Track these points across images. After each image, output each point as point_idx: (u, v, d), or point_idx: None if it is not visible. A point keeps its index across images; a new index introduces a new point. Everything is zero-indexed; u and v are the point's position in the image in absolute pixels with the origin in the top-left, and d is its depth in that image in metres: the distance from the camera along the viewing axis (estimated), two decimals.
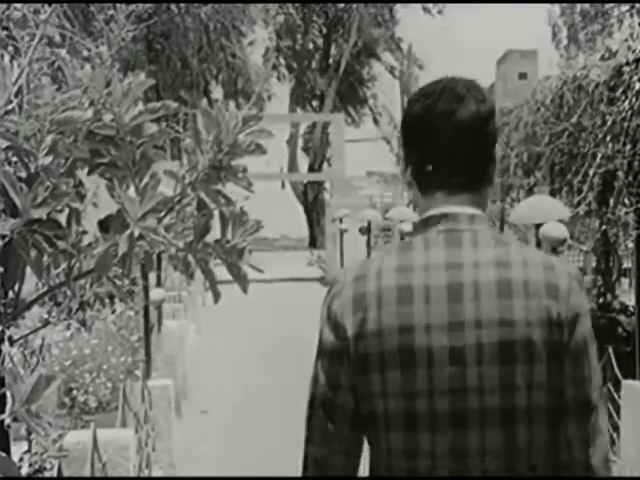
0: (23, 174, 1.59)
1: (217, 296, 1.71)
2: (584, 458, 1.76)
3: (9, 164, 1.57)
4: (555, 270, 1.77)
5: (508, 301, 1.72)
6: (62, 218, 1.66)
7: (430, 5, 40.12)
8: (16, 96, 1.59)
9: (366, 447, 1.85)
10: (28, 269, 1.69)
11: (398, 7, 40.61)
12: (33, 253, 1.61)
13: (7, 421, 1.54)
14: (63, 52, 1.69)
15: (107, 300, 2.02)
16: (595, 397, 1.76)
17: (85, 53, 1.83)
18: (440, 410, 1.72)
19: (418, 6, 40.20)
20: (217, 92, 36.23)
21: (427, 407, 1.72)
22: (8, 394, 1.68)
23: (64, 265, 1.72)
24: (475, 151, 1.81)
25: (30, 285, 1.82)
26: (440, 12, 40.23)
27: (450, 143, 1.78)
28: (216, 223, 1.74)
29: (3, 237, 1.54)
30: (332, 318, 1.79)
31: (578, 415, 1.75)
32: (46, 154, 1.54)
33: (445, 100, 1.78)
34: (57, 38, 1.88)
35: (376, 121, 45.06)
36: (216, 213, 1.72)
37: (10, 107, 1.55)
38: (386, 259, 1.80)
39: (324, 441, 1.91)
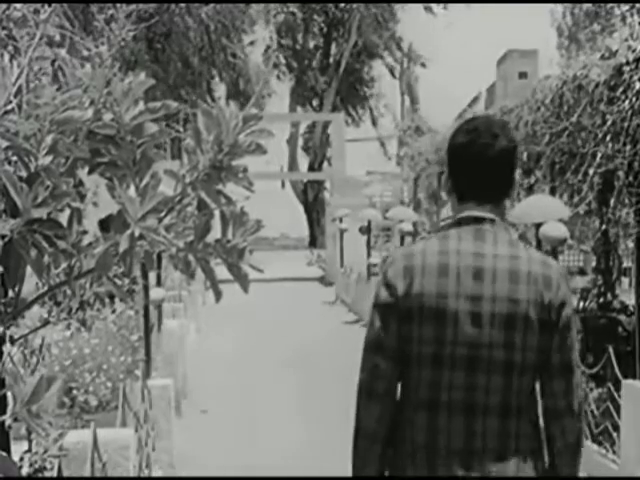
0: (23, 173, 1.59)
1: (219, 295, 1.71)
2: (566, 404, 2.47)
3: (9, 163, 1.57)
4: (550, 267, 2.48)
5: (515, 285, 2.42)
6: (62, 218, 1.66)
7: (432, 4, 40.11)
8: (16, 96, 1.58)
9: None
10: (28, 268, 1.69)
11: (398, 7, 40.59)
12: (33, 253, 1.60)
13: (8, 422, 1.54)
14: (63, 52, 1.69)
15: (107, 300, 2.02)
16: (574, 361, 2.46)
17: (85, 53, 1.83)
18: (459, 356, 2.42)
19: (418, 6, 40.18)
20: (218, 92, 36.23)
21: (450, 352, 2.42)
22: (9, 394, 1.68)
23: (64, 265, 1.71)
24: (501, 175, 2.54)
25: (30, 285, 1.82)
26: (445, 7, 40.19)
27: (484, 169, 2.51)
28: (216, 223, 1.74)
29: (3, 237, 1.54)
30: (387, 281, 2.50)
31: (561, 374, 2.46)
32: (46, 154, 1.54)
33: (484, 137, 2.50)
34: (57, 38, 1.88)
35: (374, 122, 45.06)
36: (216, 213, 1.72)
37: (10, 107, 1.55)
38: (429, 243, 2.52)
39: (372, 371, 2.51)
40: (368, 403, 2.53)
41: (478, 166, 2.52)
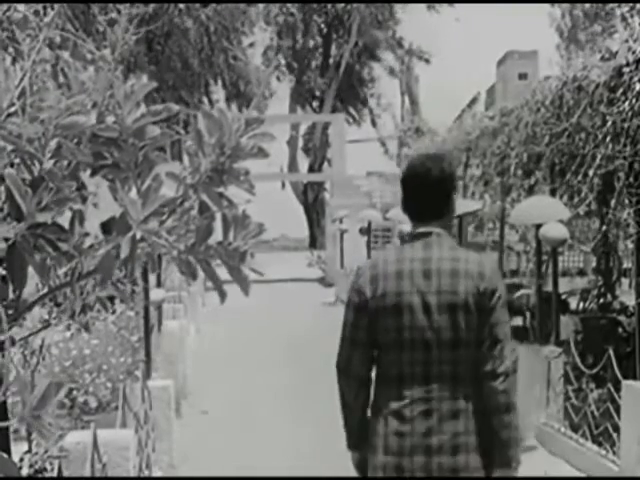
0: (25, 175, 1.60)
1: (223, 296, 1.71)
2: (499, 365, 3.17)
3: (12, 166, 1.57)
4: (484, 265, 3.26)
5: (456, 280, 3.21)
6: (64, 219, 1.67)
7: (426, 7, 40.09)
8: (19, 98, 1.59)
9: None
10: (29, 270, 1.69)
11: (398, 8, 40.56)
12: (37, 256, 1.61)
13: (15, 426, 1.54)
14: (66, 54, 1.69)
15: (108, 302, 2.02)
16: (501, 335, 3.20)
17: (87, 55, 1.84)
18: (416, 338, 3.22)
19: (417, 7, 40.14)
20: (218, 93, 36.19)
21: (409, 337, 3.22)
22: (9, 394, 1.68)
23: (66, 267, 1.72)
24: (440, 199, 3.32)
25: (30, 286, 1.82)
26: (452, 3, 40.15)
27: (424, 196, 3.31)
28: (218, 225, 1.74)
29: (7, 240, 1.54)
30: (358, 288, 3.30)
31: (493, 344, 3.18)
32: (50, 157, 1.54)
33: (420, 172, 3.31)
34: (58, 40, 1.88)
35: (374, 123, 45.03)
36: (218, 215, 1.72)
37: (13, 109, 1.56)
38: (388, 254, 3.40)
39: (348, 358, 3.35)
40: (345, 383, 3.44)
41: (419, 195, 3.33)
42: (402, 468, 3.29)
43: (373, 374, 3.39)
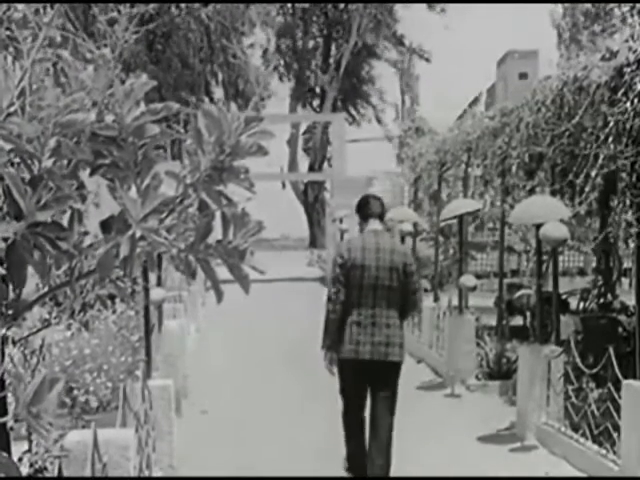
0: (25, 174, 1.59)
1: (220, 296, 1.71)
2: (415, 298, 6.57)
3: (12, 165, 1.57)
4: (405, 249, 7.32)
5: (392, 254, 6.49)
6: (63, 218, 1.66)
7: (425, 7, 40.05)
8: (18, 98, 1.59)
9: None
10: (29, 269, 1.69)
11: (398, 7, 40.53)
12: (36, 255, 1.60)
13: (10, 423, 1.54)
14: (66, 53, 1.69)
15: (108, 300, 2.02)
16: (418, 284, 6.66)
17: (86, 54, 1.83)
18: (369, 284, 6.42)
19: (417, 7, 40.13)
20: (217, 93, 36.18)
21: (366, 283, 6.41)
22: (10, 395, 1.68)
23: (66, 266, 1.72)
24: (382, 212, 6.79)
25: (30, 285, 1.82)
26: (443, 10, 40.16)
27: (375, 210, 6.72)
28: (217, 224, 1.74)
29: (6, 239, 1.54)
30: (341, 254, 6.50)
31: (412, 290, 6.54)
32: (50, 156, 1.54)
33: (374, 198, 6.99)
34: (58, 39, 1.88)
35: (379, 120, 44.98)
36: (218, 214, 1.72)
37: (13, 109, 1.55)
38: (357, 237, 6.76)
39: (335, 292, 6.40)
40: (332, 306, 6.38)
41: (372, 210, 6.67)
42: (358, 352, 6.36)
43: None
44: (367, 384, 6.46)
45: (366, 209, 6.65)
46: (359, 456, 6.53)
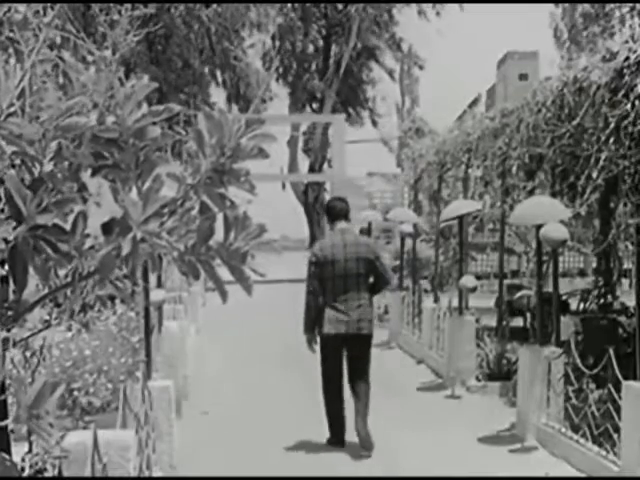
0: (26, 177, 1.59)
1: (224, 296, 1.71)
2: (386, 277, 8.07)
3: (13, 167, 1.57)
4: (371, 242, 8.65)
5: (359, 248, 7.91)
6: (67, 219, 1.66)
7: (427, 8, 39.95)
8: (19, 98, 1.58)
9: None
10: (29, 270, 1.69)
11: (396, 9, 40.50)
12: (37, 258, 1.60)
13: (11, 426, 1.54)
14: (67, 55, 1.69)
15: (108, 301, 2.02)
16: (385, 267, 8.13)
17: (86, 55, 1.83)
18: (340, 274, 7.84)
19: (417, 6, 40.07)
20: (218, 94, 36.17)
21: (337, 273, 7.84)
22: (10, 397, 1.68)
23: (67, 268, 1.71)
24: (348, 213, 8.15)
25: (30, 287, 1.82)
26: (438, 14, 40.10)
27: (343, 211, 8.13)
28: (219, 226, 1.74)
29: (7, 242, 1.54)
30: (315, 253, 7.99)
31: (380, 274, 7.99)
32: (51, 159, 1.54)
33: (341, 200, 8.41)
34: (58, 40, 1.88)
35: (375, 123, 45.00)
36: (219, 216, 1.72)
37: (13, 110, 1.55)
38: (327, 237, 8.42)
39: (312, 285, 7.98)
40: (311, 297, 7.93)
41: (340, 212, 8.07)
42: (337, 328, 7.80)
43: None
44: (344, 354, 7.97)
45: (333, 211, 8.05)
46: (339, 418, 7.94)
